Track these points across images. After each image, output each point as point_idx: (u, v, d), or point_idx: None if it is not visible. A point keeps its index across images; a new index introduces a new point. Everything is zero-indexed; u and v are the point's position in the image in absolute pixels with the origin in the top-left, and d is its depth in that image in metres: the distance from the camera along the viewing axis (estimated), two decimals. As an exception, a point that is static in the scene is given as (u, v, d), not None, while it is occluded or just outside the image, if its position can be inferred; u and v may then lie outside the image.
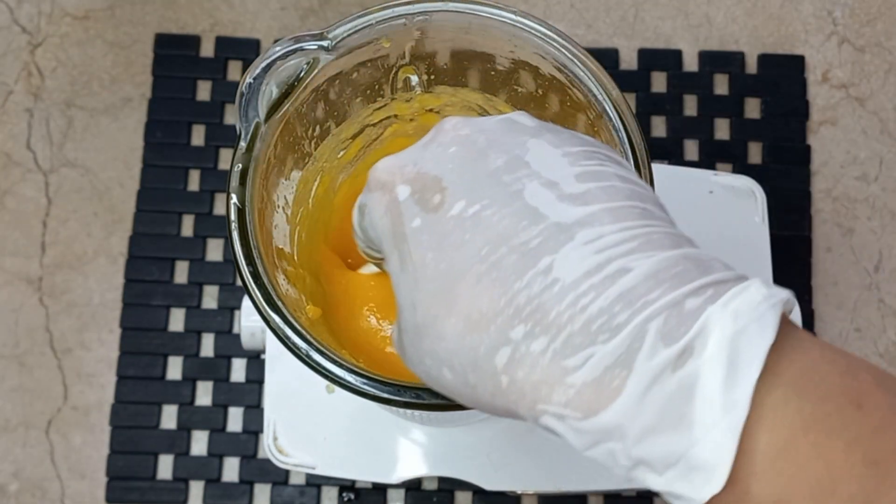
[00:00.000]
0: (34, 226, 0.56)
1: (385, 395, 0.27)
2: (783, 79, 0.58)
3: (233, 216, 0.28)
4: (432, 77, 0.34)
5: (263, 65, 0.29)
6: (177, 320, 0.55)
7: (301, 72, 0.30)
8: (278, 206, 0.32)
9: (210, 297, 0.55)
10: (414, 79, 0.34)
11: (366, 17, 0.30)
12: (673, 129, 0.57)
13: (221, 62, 0.58)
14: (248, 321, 0.46)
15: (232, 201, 0.28)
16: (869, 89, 0.59)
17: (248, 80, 0.29)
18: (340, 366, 0.27)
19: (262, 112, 0.29)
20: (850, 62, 0.59)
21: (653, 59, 0.59)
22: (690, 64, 0.59)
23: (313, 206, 0.35)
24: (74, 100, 0.58)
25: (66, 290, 0.55)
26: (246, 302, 0.46)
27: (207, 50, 0.58)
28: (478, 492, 0.52)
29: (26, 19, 0.59)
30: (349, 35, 0.30)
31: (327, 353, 0.27)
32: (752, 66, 0.59)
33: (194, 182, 0.57)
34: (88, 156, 0.57)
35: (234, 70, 0.58)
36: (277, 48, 0.29)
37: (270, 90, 0.29)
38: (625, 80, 0.58)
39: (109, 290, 0.55)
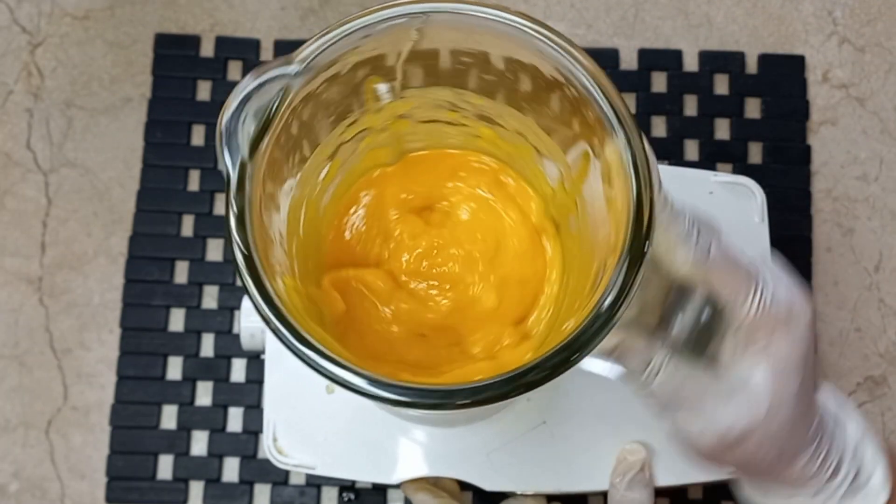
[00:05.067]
0: (34, 226, 0.56)
1: (392, 397, 0.27)
2: (783, 79, 0.58)
3: (241, 264, 0.27)
4: (399, 83, 0.34)
5: (238, 100, 0.28)
6: (177, 320, 0.55)
7: (275, 102, 0.29)
8: (275, 241, 0.31)
9: (210, 297, 0.55)
10: (382, 87, 0.34)
11: (328, 35, 0.30)
12: (673, 129, 0.57)
13: (221, 62, 0.58)
14: (248, 322, 0.46)
15: (237, 249, 0.27)
16: (869, 89, 0.59)
17: (226, 119, 0.28)
18: (349, 369, 0.27)
19: (246, 149, 0.28)
20: (850, 62, 0.59)
21: (653, 59, 0.59)
22: (690, 64, 0.59)
23: (304, 235, 0.35)
24: (74, 100, 0.58)
25: (66, 290, 0.55)
26: (246, 302, 0.46)
27: (207, 50, 0.58)
28: (478, 492, 0.52)
29: (26, 19, 0.59)
30: (316, 56, 0.29)
31: (340, 361, 0.27)
32: (752, 66, 0.59)
33: (194, 182, 0.57)
34: (88, 156, 0.57)
35: (234, 70, 0.58)
36: (248, 82, 0.28)
37: (248, 127, 0.29)
38: (625, 80, 0.58)
39: (109, 290, 0.55)
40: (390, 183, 0.38)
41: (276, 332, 0.27)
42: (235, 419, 0.54)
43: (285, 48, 0.59)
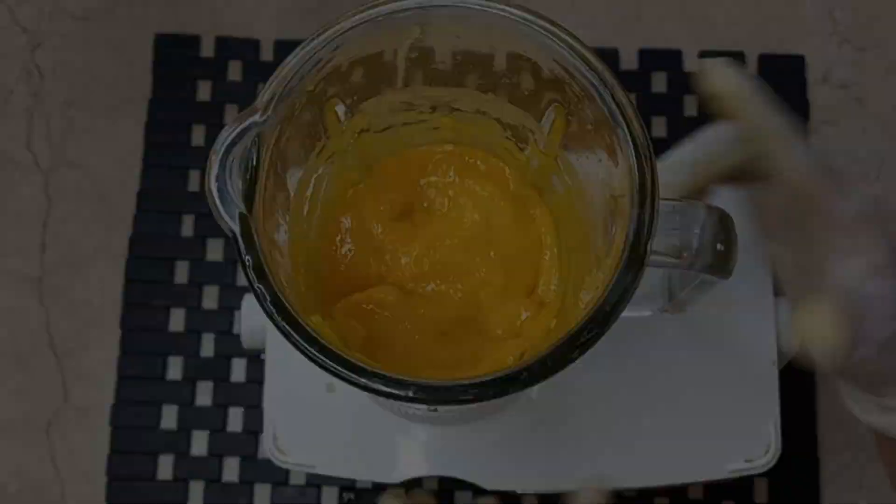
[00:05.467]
0: (34, 226, 0.56)
1: (402, 393, 0.27)
2: (783, 79, 0.58)
3: (273, 312, 0.27)
4: (356, 98, 0.34)
5: (218, 160, 0.28)
6: (177, 320, 0.55)
7: (254, 152, 0.29)
8: (286, 289, 0.31)
9: (210, 297, 0.55)
10: (341, 108, 0.34)
11: (283, 71, 0.30)
12: (673, 129, 0.57)
13: (221, 62, 0.58)
14: (248, 321, 0.46)
15: (266, 302, 0.27)
16: (869, 89, 0.59)
17: (213, 181, 0.28)
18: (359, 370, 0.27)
19: (241, 204, 0.28)
20: (850, 62, 0.59)
21: (653, 59, 0.59)
22: (690, 64, 0.59)
23: (305, 273, 0.35)
24: (74, 100, 0.58)
25: (66, 290, 0.55)
26: (246, 302, 0.46)
27: (207, 50, 0.58)
28: (478, 492, 0.52)
29: (26, 19, 0.59)
30: (278, 97, 0.29)
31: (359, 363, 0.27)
32: (752, 66, 0.59)
33: (194, 182, 0.57)
34: (88, 156, 0.57)
35: (234, 70, 0.58)
36: (222, 140, 0.28)
37: (236, 182, 0.29)
38: (625, 80, 0.58)
39: (109, 290, 0.55)
40: (365, 200, 0.38)
41: (329, 369, 0.27)
42: (235, 419, 0.54)
43: (285, 48, 0.58)
